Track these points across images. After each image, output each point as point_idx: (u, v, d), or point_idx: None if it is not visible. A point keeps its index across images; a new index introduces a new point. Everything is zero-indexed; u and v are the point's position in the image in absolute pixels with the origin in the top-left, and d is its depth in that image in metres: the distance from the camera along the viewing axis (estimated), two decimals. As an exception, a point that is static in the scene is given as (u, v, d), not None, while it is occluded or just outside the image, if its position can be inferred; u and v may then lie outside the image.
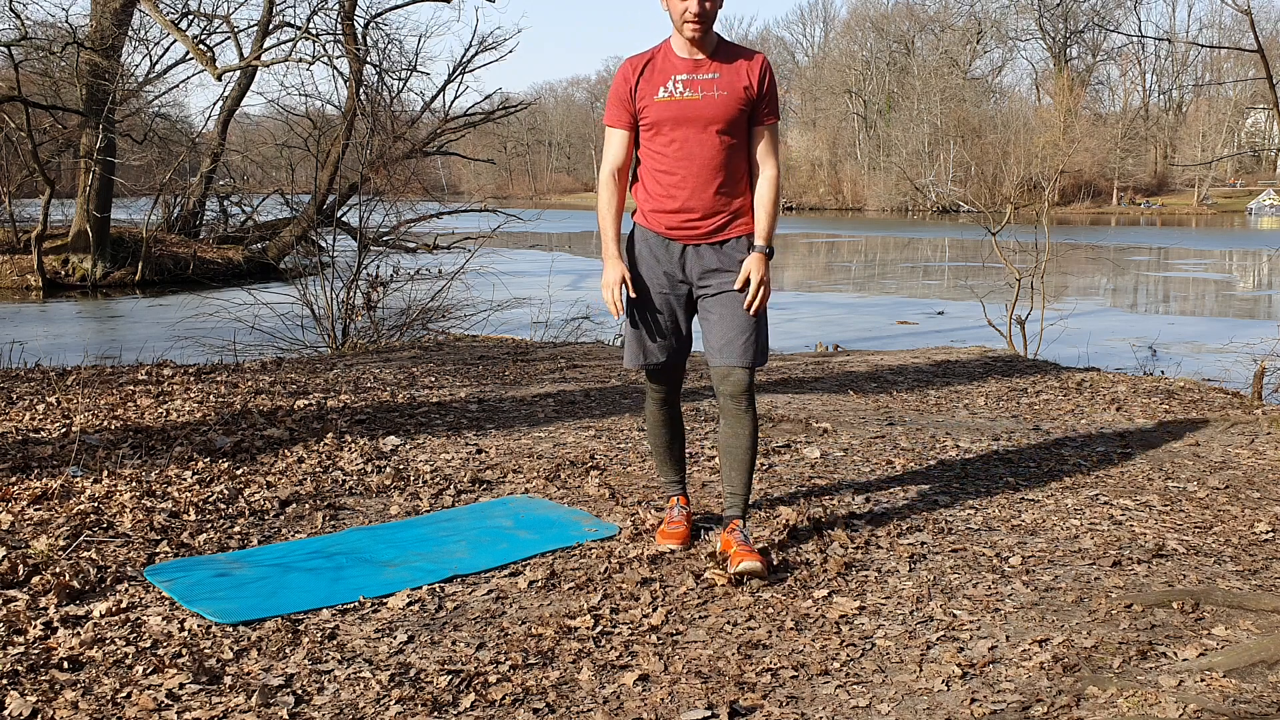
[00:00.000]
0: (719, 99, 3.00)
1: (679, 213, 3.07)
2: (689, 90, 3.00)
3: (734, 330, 3.06)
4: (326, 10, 20.40)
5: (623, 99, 3.07)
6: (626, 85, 3.05)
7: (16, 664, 2.42)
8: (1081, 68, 65.74)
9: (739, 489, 3.17)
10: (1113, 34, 63.64)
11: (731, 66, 3.02)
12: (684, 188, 3.05)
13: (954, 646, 2.61)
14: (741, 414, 3.11)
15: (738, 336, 3.06)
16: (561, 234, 35.97)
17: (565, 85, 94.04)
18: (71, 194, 20.22)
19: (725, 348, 3.07)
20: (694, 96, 3.00)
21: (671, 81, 3.01)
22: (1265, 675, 2.40)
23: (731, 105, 3.00)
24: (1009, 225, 11.01)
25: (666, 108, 3.01)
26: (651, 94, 3.03)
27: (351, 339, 9.34)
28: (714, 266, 3.10)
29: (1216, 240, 35.10)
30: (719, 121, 3.01)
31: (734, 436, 3.13)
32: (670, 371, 3.22)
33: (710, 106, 3.00)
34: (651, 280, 3.14)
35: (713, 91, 3.00)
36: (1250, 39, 6.97)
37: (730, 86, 3.00)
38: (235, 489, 3.75)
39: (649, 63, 3.06)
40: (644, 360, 3.16)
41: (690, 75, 3.01)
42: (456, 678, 2.43)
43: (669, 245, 3.11)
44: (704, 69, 3.01)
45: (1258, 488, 4.03)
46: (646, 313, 3.15)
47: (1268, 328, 12.86)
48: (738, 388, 3.08)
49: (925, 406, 5.69)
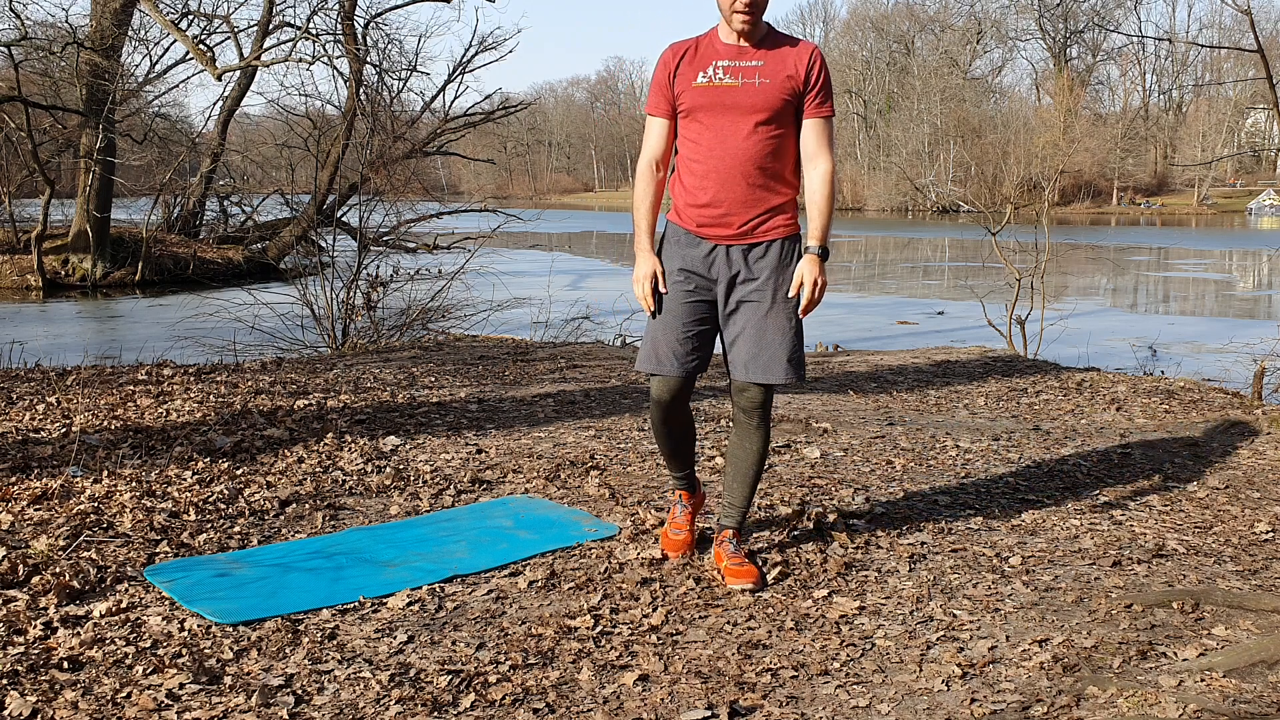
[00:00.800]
0: (760, 87, 2.82)
1: (708, 207, 2.89)
2: (730, 76, 2.84)
3: (758, 345, 2.88)
4: (326, 10, 20.41)
5: (662, 85, 2.92)
6: (666, 70, 2.91)
7: (16, 664, 2.42)
8: (1081, 68, 65.76)
9: (738, 501, 3.08)
10: (1113, 34, 63.68)
11: (777, 53, 2.85)
12: (715, 179, 2.87)
13: (954, 646, 2.61)
14: (753, 430, 3.00)
15: (761, 352, 2.88)
16: (561, 234, 35.97)
17: (565, 85, 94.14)
18: (71, 194, 20.22)
19: (749, 363, 2.89)
20: (734, 83, 2.83)
21: (712, 67, 2.86)
22: (1265, 675, 2.40)
23: (774, 94, 2.83)
24: (1009, 225, 11.02)
25: (704, 94, 2.85)
26: (691, 79, 2.87)
27: (351, 339, 9.34)
28: (744, 273, 2.90)
29: (1216, 240, 35.10)
30: (760, 111, 2.83)
31: (742, 450, 3.03)
32: (679, 384, 2.96)
33: (751, 94, 2.82)
34: (677, 283, 2.95)
35: (754, 79, 2.83)
36: (1250, 39, 6.97)
37: (774, 75, 2.83)
38: (235, 489, 3.75)
39: (692, 48, 2.91)
40: (655, 367, 2.95)
41: (733, 61, 2.84)
42: (456, 678, 2.43)
43: (699, 244, 2.93)
44: (748, 56, 2.85)
45: (1258, 488, 4.03)
46: (668, 316, 2.94)
47: (1268, 328, 12.86)
48: (753, 403, 2.95)
49: (925, 406, 5.69)
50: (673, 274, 2.96)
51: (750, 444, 3.01)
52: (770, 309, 2.89)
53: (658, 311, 2.97)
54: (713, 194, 2.88)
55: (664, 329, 2.94)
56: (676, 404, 3.01)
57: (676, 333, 2.93)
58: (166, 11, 19.03)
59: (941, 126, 61.16)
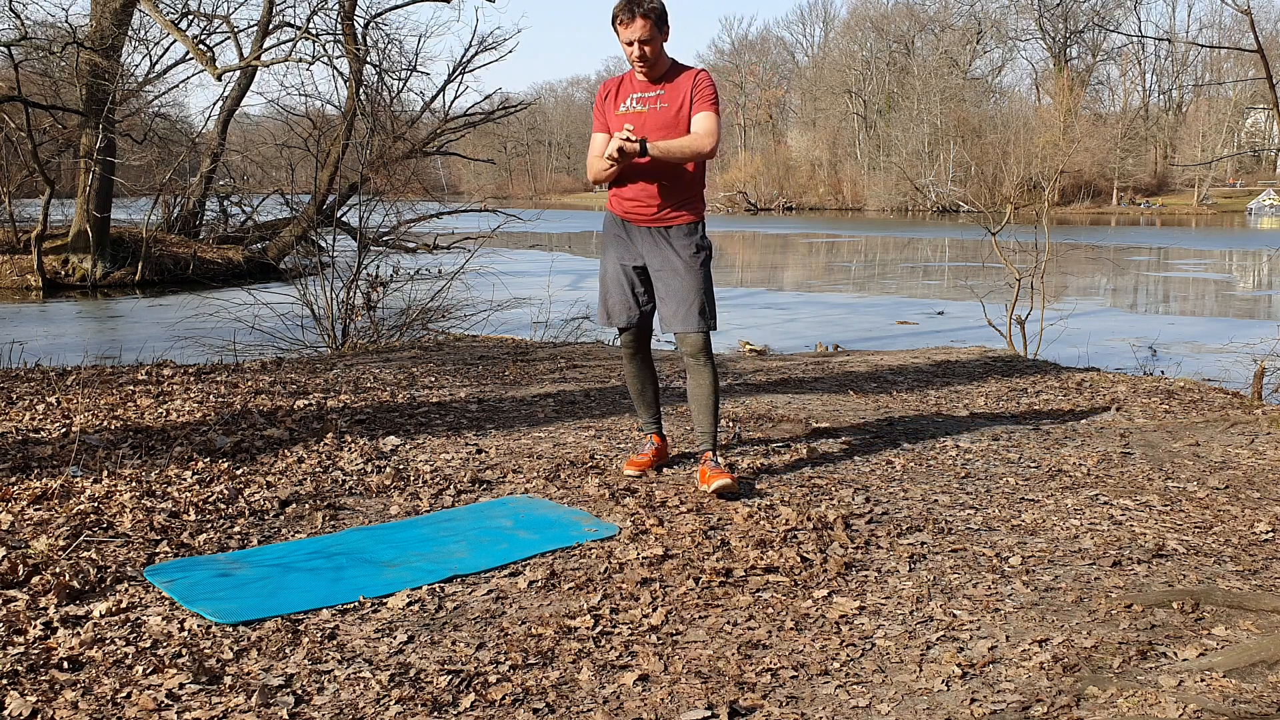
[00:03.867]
0: (661, 111, 3.77)
1: (630, 200, 3.86)
2: (640, 105, 3.80)
3: (678, 302, 3.81)
4: (326, 10, 20.41)
5: (599, 111, 3.93)
6: (600, 102, 3.92)
7: (16, 664, 2.42)
8: (1081, 68, 65.74)
9: (707, 427, 3.90)
10: (1113, 34, 63.64)
11: (675, 85, 3.77)
12: (633, 181, 3.81)
13: (954, 646, 2.61)
14: (700, 367, 3.86)
15: (680, 307, 3.80)
16: (561, 234, 35.97)
17: (565, 85, 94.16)
18: (71, 194, 20.21)
19: (674, 317, 3.83)
20: (643, 110, 3.79)
21: (629, 99, 3.83)
22: (1265, 675, 2.40)
23: (670, 115, 3.75)
24: (1009, 225, 11.01)
25: (623, 119, 3.79)
26: (615, 109, 3.85)
27: (351, 339, 9.33)
28: (658, 247, 3.84)
29: (1216, 240, 35.10)
30: (661, 128, 3.74)
31: (696, 386, 3.89)
32: (634, 332, 3.98)
33: (654, 116, 3.77)
34: (613, 256, 3.93)
35: (656, 105, 3.78)
36: (1250, 39, 6.97)
37: (672, 100, 3.76)
38: (235, 489, 3.75)
39: (615, 87, 3.90)
40: (609, 320, 3.97)
41: (642, 94, 3.81)
42: (456, 678, 2.43)
43: (626, 225, 3.91)
44: (653, 89, 3.80)
45: (1258, 488, 4.03)
46: (609, 281, 3.95)
47: (1268, 328, 12.86)
48: (694, 348, 3.84)
49: (925, 406, 5.69)
50: (610, 252, 3.94)
51: (702, 379, 3.87)
52: (682, 275, 3.81)
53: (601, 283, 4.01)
54: (633, 192, 3.84)
55: (609, 292, 3.97)
56: (637, 348, 4.03)
57: (619, 294, 3.94)
58: (166, 11, 19.03)
59: (941, 126, 61.15)
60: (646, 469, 4.11)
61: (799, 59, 78.15)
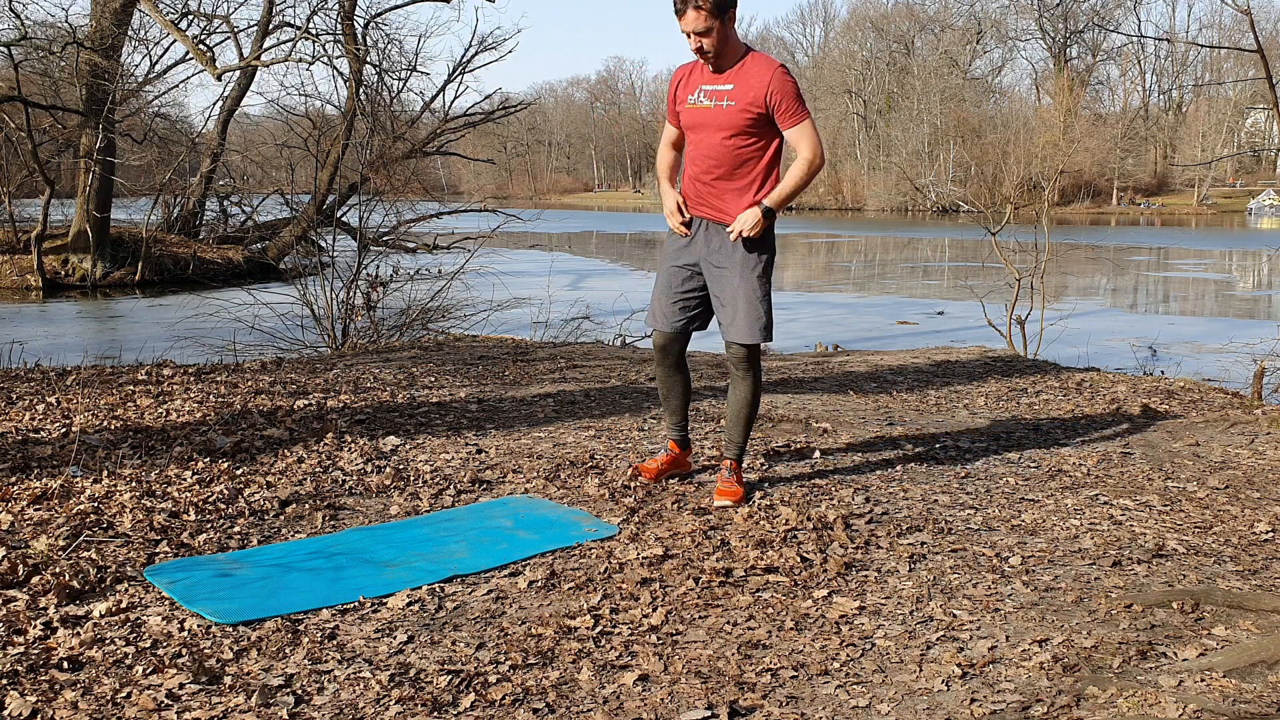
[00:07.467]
0: (727, 109, 3.51)
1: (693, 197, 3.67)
2: (707, 100, 3.56)
3: (732, 310, 3.61)
4: (326, 10, 20.42)
5: (670, 101, 3.74)
6: (672, 90, 3.72)
7: (16, 664, 2.42)
8: (1081, 68, 65.77)
9: (735, 437, 3.79)
10: (1113, 34, 63.66)
11: (744, 80, 3.50)
12: (698, 179, 3.62)
13: (954, 646, 2.61)
14: (740, 378, 3.73)
15: (734, 315, 3.60)
16: (561, 234, 35.97)
17: (565, 85, 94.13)
18: (71, 194, 20.21)
19: (728, 326, 3.63)
20: (709, 105, 3.55)
21: (698, 91, 3.59)
22: (1265, 675, 2.40)
23: (737, 116, 3.50)
24: (1009, 225, 11.02)
25: (690, 114, 3.61)
26: (684, 100, 3.63)
27: (351, 339, 9.33)
28: (718, 248, 3.62)
29: (1216, 240, 35.10)
30: (726, 129, 3.53)
31: (733, 395, 3.77)
32: (671, 339, 3.77)
33: (720, 115, 3.53)
34: (672, 253, 3.74)
35: (723, 102, 3.52)
36: (1250, 39, 6.97)
37: (740, 97, 3.49)
38: (235, 489, 3.75)
39: (687, 74, 3.65)
40: (654, 323, 3.79)
41: (711, 86, 3.56)
42: (456, 678, 2.43)
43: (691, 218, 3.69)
44: (722, 82, 3.54)
45: (1258, 488, 4.03)
46: (663, 280, 3.75)
47: (1268, 328, 12.87)
48: (736, 357, 3.69)
49: (925, 406, 5.69)
50: (670, 248, 3.75)
51: (740, 391, 3.75)
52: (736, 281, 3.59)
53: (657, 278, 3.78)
54: (699, 191, 3.64)
55: (660, 292, 3.76)
56: (668, 356, 3.81)
57: (669, 296, 3.73)
58: (166, 11, 19.04)
59: (941, 126, 61.16)
60: (655, 477, 3.91)
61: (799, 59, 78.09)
